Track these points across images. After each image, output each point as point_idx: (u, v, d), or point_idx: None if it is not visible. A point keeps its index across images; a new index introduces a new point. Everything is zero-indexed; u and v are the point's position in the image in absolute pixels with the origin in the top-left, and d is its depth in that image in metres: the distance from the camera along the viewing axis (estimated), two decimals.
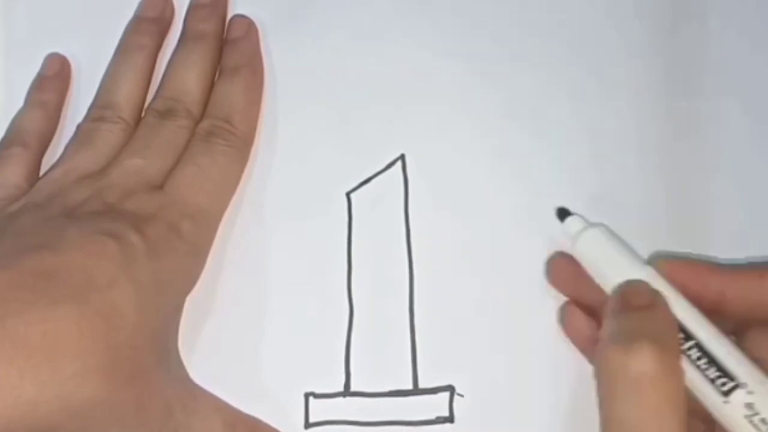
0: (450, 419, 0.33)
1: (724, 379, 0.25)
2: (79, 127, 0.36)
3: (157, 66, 0.37)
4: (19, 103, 0.37)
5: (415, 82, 0.36)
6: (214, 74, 0.37)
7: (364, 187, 0.36)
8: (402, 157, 0.36)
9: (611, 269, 0.29)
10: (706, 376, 0.26)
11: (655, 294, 0.28)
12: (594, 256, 0.30)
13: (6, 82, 0.38)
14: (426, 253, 0.34)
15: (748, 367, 0.26)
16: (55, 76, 0.37)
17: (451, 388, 0.33)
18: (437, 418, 0.33)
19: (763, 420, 0.24)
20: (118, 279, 0.29)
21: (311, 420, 0.33)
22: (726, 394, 0.25)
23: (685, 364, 0.26)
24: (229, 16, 0.38)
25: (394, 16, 0.37)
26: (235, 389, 0.33)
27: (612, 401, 0.26)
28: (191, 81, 0.36)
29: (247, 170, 0.36)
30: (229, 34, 0.37)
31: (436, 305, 0.34)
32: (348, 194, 0.35)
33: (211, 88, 0.36)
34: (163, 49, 0.38)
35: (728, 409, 0.25)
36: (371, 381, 0.33)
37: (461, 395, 0.33)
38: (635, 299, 0.28)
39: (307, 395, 0.33)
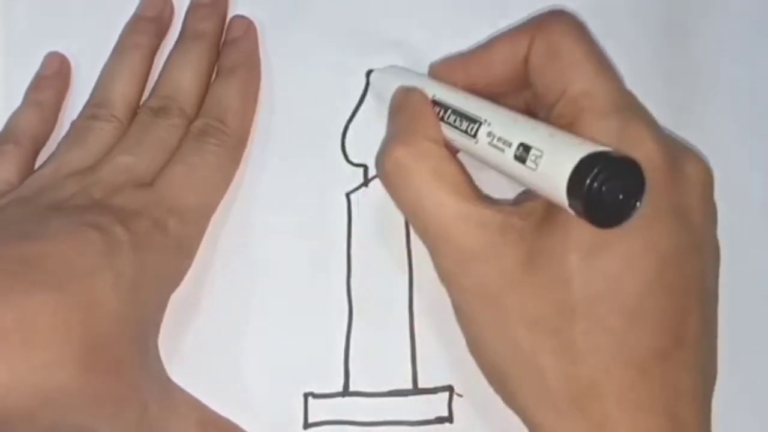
0: (449, 419, 0.33)
1: (471, 125, 0.29)
2: (73, 124, 0.36)
3: (154, 65, 0.37)
4: (19, 102, 0.37)
5: None
6: (211, 74, 0.37)
7: (364, 189, 0.36)
8: None
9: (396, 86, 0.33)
10: (461, 130, 0.29)
11: (409, 93, 0.32)
12: (387, 87, 0.34)
13: (6, 82, 0.37)
14: (426, 254, 0.34)
15: (486, 108, 0.29)
16: (53, 76, 0.37)
17: (450, 388, 0.33)
18: (436, 418, 0.33)
19: (499, 138, 0.28)
20: (99, 269, 0.30)
21: (310, 420, 0.33)
22: (474, 135, 0.29)
23: (447, 130, 0.30)
24: (229, 16, 0.38)
25: (392, 17, 0.37)
26: (235, 389, 0.34)
27: (393, 197, 0.31)
28: (187, 80, 0.36)
29: (245, 170, 0.36)
30: (228, 34, 0.37)
31: (435, 305, 0.34)
32: (348, 195, 0.35)
33: (207, 87, 0.36)
34: (161, 49, 0.38)
35: (479, 147, 0.29)
36: (370, 381, 0.34)
37: (460, 395, 0.33)
38: (394, 102, 0.32)
39: (306, 395, 0.34)
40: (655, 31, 0.37)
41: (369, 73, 0.36)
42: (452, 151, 0.30)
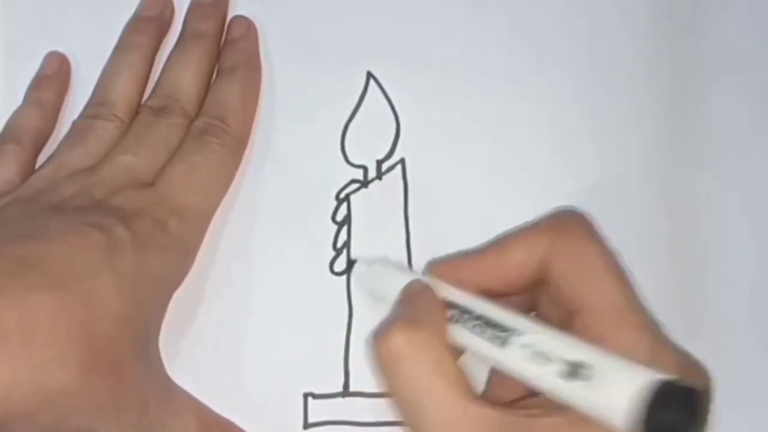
0: None
1: (498, 333, 0.28)
2: (74, 124, 0.36)
3: (155, 65, 0.37)
4: (20, 102, 0.37)
5: (416, 88, 0.37)
6: (212, 74, 0.37)
7: (364, 190, 0.36)
8: (402, 161, 0.36)
9: (395, 286, 0.31)
10: (485, 338, 0.28)
11: (425, 287, 0.30)
12: (380, 283, 0.32)
13: (6, 82, 0.37)
14: (426, 253, 0.34)
15: (513, 316, 0.28)
16: (53, 75, 0.37)
17: None
18: None
19: (539, 352, 0.26)
20: (100, 269, 0.30)
21: (310, 420, 0.33)
22: (503, 344, 0.27)
23: (465, 335, 0.28)
24: (229, 16, 0.38)
25: (397, 20, 0.37)
26: (235, 390, 0.34)
27: (385, 382, 0.28)
28: (187, 80, 0.36)
29: (245, 170, 0.36)
30: (228, 34, 0.37)
31: None
32: (348, 195, 0.36)
33: (208, 87, 0.36)
34: (162, 49, 0.38)
35: (506, 356, 0.27)
36: (370, 381, 0.33)
37: None
38: (405, 291, 0.30)
39: (306, 395, 0.34)
40: (660, 29, 0.37)
41: (352, 262, 0.35)
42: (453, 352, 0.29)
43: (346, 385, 0.34)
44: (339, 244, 0.35)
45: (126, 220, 0.31)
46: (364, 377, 0.34)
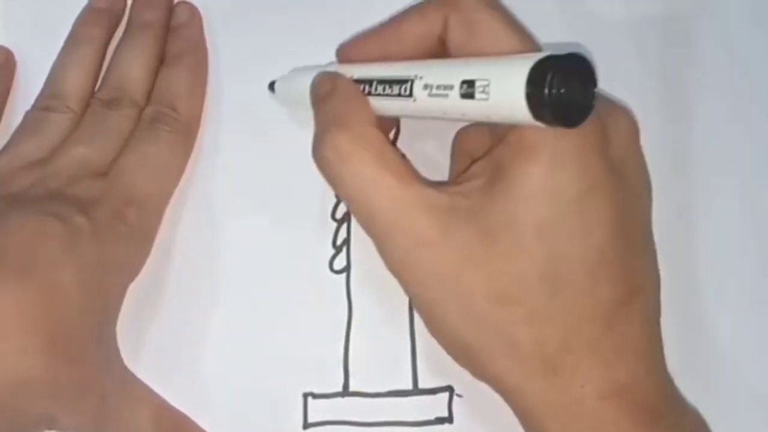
0: (449, 420, 0.33)
1: (403, 86, 0.28)
2: (26, 115, 0.36)
3: (108, 55, 0.37)
4: (18, 102, 0.37)
5: None
6: (160, 62, 0.37)
7: None
8: (402, 158, 0.36)
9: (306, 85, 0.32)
10: (393, 95, 0.29)
11: (333, 79, 0.31)
12: (298, 86, 0.33)
13: None
14: None
15: (410, 65, 0.29)
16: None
17: (450, 389, 0.33)
18: (436, 418, 0.33)
19: (438, 86, 0.27)
20: (61, 259, 0.30)
21: (310, 420, 0.33)
22: (410, 94, 0.28)
23: (377, 101, 0.30)
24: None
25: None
26: (235, 389, 0.34)
27: (335, 186, 0.30)
28: (136, 70, 0.36)
29: (243, 167, 0.36)
30: (173, 21, 0.37)
31: None
32: None
33: (156, 75, 0.36)
34: (115, 38, 0.38)
35: (418, 104, 0.28)
36: (370, 381, 0.34)
37: (460, 396, 0.33)
38: (319, 90, 0.31)
39: (305, 395, 0.34)
40: (655, 27, 0.36)
41: (272, 84, 0.35)
42: (384, 132, 0.30)
43: (346, 385, 0.34)
44: (339, 242, 0.35)
45: (84, 209, 0.32)
46: (364, 377, 0.34)
